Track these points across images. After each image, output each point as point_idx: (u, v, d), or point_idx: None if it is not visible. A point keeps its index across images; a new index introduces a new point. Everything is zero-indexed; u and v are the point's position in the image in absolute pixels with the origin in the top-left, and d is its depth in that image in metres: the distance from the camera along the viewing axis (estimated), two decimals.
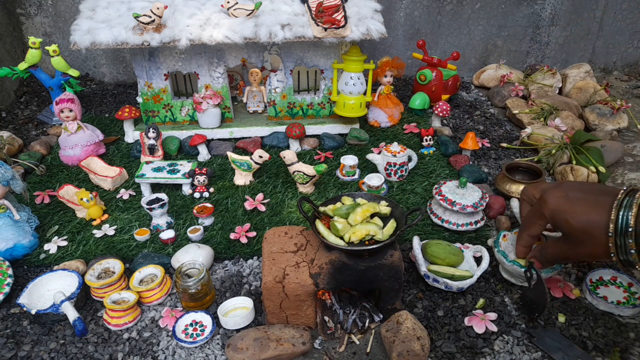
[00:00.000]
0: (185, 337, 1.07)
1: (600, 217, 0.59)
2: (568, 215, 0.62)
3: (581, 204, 0.61)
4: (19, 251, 1.28)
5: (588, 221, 0.60)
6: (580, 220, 0.60)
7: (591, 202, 0.61)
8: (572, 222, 0.61)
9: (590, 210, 0.60)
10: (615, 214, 0.57)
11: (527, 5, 2.25)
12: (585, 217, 0.60)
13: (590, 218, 0.60)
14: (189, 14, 1.59)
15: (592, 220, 0.59)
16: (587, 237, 0.61)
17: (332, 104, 1.84)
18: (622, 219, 0.56)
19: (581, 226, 0.60)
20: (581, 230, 0.60)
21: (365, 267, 1.02)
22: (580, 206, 0.61)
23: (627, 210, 0.56)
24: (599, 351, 1.05)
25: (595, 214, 0.59)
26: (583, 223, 0.60)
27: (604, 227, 0.58)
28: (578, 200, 0.62)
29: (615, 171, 1.66)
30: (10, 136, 1.76)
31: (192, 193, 1.52)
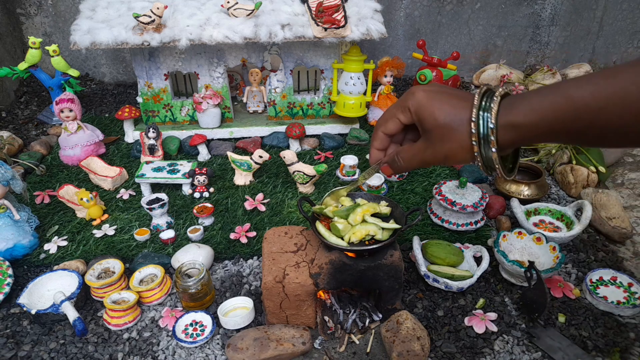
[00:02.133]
0: (185, 337, 1.07)
1: (465, 113, 0.56)
2: (434, 109, 0.58)
3: (447, 100, 0.58)
4: (19, 251, 1.28)
5: (454, 115, 0.57)
6: (447, 114, 0.57)
7: (456, 99, 0.58)
8: (437, 115, 0.57)
9: (455, 105, 0.58)
10: (477, 112, 0.55)
11: (527, 5, 2.25)
12: (452, 110, 0.57)
13: (455, 112, 0.57)
14: (189, 14, 1.59)
15: (457, 114, 0.57)
16: (450, 133, 0.57)
17: (332, 104, 1.84)
18: (484, 118, 0.55)
19: (447, 120, 0.57)
20: (446, 124, 0.57)
21: (365, 267, 1.02)
22: (446, 102, 0.58)
23: (486, 111, 0.55)
24: (599, 351, 1.05)
25: (460, 109, 0.57)
26: (450, 117, 0.57)
27: (467, 123, 0.56)
28: (444, 96, 0.59)
29: (615, 171, 1.66)
30: (10, 136, 1.76)
31: (192, 193, 1.52)
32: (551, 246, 1.22)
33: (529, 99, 0.54)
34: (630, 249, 1.36)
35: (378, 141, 0.68)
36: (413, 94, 0.60)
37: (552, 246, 1.22)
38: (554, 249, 1.21)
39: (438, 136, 0.59)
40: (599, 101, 0.49)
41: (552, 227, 1.36)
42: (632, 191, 1.57)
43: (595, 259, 1.30)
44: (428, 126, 0.59)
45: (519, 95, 0.56)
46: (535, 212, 1.40)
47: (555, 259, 1.19)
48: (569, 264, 1.29)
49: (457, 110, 0.57)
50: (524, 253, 1.26)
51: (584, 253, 1.32)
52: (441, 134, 0.58)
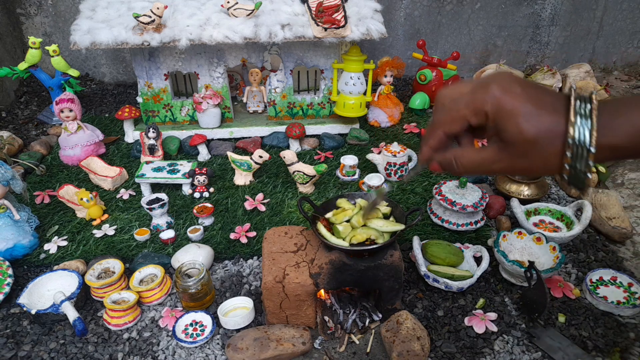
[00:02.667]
0: (185, 337, 1.07)
1: (557, 126, 0.46)
2: (520, 118, 0.46)
3: (534, 107, 0.46)
4: (19, 251, 1.28)
5: (545, 129, 0.46)
6: (536, 127, 0.46)
7: (545, 106, 0.46)
8: (523, 127, 0.46)
9: (545, 115, 0.46)
10: (573, 132, 0.45)
11: (527, 5, 2.25)
12: (542, 123, 0.46)
13: (546, 126, 0.46)
14: (189, 14, 1.59)
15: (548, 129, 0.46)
16: (536, 150, 0.47)
17: (332, 104, 1.84)
18: (581, 138, 0.45)
19: (535, 135, 0.46)
20: (533, 140, 0.46)
21: (365, 267, 1.02)
22: (534, 109, 0.46)
23: (584, 118, 0.45)
24: (599, 351, 1.05)
25: (551, 121, 0.46)
26: (539, 131, 0.46)
27: (559, 140, 0.46)
28: (530, 101, 0.46)
29: (615, 171, 1.66)
30: (10, 136, 1.76)
31: (192, 193, 1.52)
32: (551, 246, 1.22)
33: (627, 115, 0.46)
34: (630, 249, 1.36)
35: (435, 141, 0.54)
36: (490, 92, 0.47)
37: (552, 246, 1.22)
38: (554, 249, 1.21)
39: (520, 151, 0.48)
40: None
41: (552, 227, 1.36)
42: (632, 191, 1.57)
43: (595, 259, 1.30)
44: (510, 137, 0.48)
45: (615, 109, 0.47)
46: (535, 212, 1.39)
47: (555, 259, 1.19)
48: (569, 264, 1.29)
49: (547, 122, 0.46)
50: (524, 253, 1.26)
51: (584, 253, 1.32)
52: (525, 149, 0.47)
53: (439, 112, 0.53)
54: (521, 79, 0.49)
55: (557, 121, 0.46)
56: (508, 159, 0.49)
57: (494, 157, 0.50)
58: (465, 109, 0.49)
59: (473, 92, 0.49)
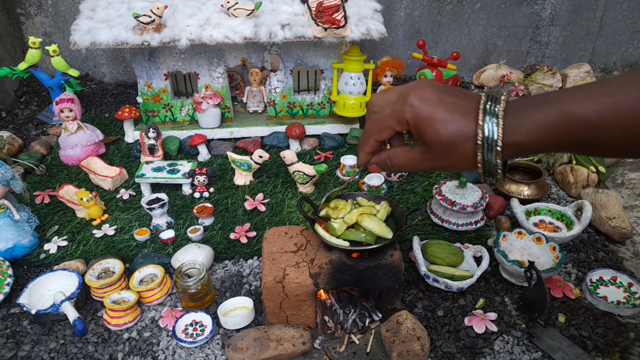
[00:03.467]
0: (185, 337, 1.07)
1: (468, 127, 0.51)
2: (436, 123, 0.52)
3: (448, 112, 0.52)
4: (19, 251, 1.28)
5: (458, 130, 0.52)
6: (451, 129, 0.52)
7: (457, 110, 0.52)
8: (440, 131, 0.52)
9: (458, 118, 0.52)
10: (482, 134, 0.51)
11: (527, 5, 2.25)
12: (455, 125, 0.52)
13: (459, 127, 0.52)
14: (189, 14, 1.59)
15: (461, 130, 0.52)
16: (453, 149, 0.53)
17: (332, 104, 1.84)
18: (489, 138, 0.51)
19: (450, 137, 0.52)
20: (449, 141, 0.52)
21: (365, 267, 1.02)
22: (448, 114, 0.52)
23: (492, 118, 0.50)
24: (599, 351, 1.05)
25: (464, 123, 0.52)
26: (453, 133, 0.52)
27: (472, 139, 0.51)
28: (444, 107, 0.52)
29: (616, 171, 1.66)
30: (10, 136, 1.76)
31: (192, 193, 1.52)
32: (551, 246, 1.22)
33: (530, 114, 0.51)
34: (630, 249, 1.36)
35: (369, 147, 0.62)
36: (410, 104, 0.54)
37: (552, 246, 1.22)
38: (554, 249, 1.21)
39: (440, 152, 0.54)
40: (601, 118, 0.48)
41: (552, 227, 1.36)
42: (632, 191, 1.57)
43: (595, 259, 1.30)
44: (429, 141, 0.54)
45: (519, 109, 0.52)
46: (535, 212, 1.39)
47: (555, 259, 1.19)
48: (569, 264, 1.29)
49: (460, 124, 0.52)
50: (524, 253, 1.26)
51: (584, 253, 1.32)
52: (443, 150, 0.54)
53: (369, 120, 0.61)
54: (439, 87, 0.55)
55: (469, 123, 0.52)
56: (431, 159, 0.56)
57: (420, 158, 0.57)
58: (389, 119, 0.57)
59: (395, 103, 0.56)
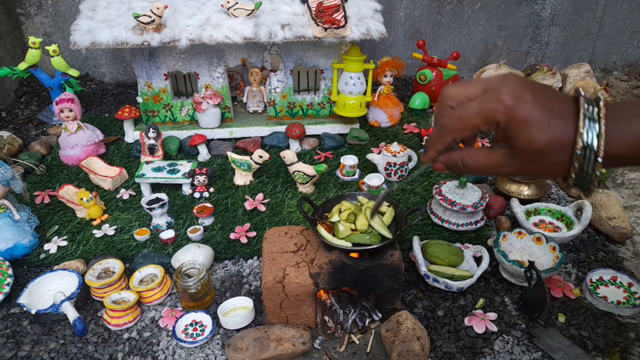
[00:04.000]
0: (185, 337, 1.07)
1: (566, 135, 0.46)
2: (532, 128, 0.46)
3: (547, 113, 0.46)
4: (19, 251, 1.28)
5: (555, 138, 0.46)
6: (547, 137, 0.46)
7: (556, 110, 0.46)
8: (535, 137, 0.46)
9: (557, 122, 0.46)
10: (582, 143, 0.45)
11: (527, 5, 2.25)
12: (552, 132, 0.46)
13: (556, 135, 0.46)
14: (189, 14, 1.59)
15: (558, 138, 0.46)
16: (545, 157, 0.47)
17: (332, 104, 1.84)
18: (589, 137, 0.45)
19: (546, 145, 0.46)
20: (543, 150, 0.46)
21: (365, 267, 1.02)
22: (545, 118, 0.46)
23: (592, 124, 0.45)
24: (599, 351, 1.05)
25: (561, 130, 0.46)
26: (550, 141, 0.46)
27: (568, 150, 0.46)
28: (541, 110, 0.46)
29: (616, 171, 1.66)
30: (10, 136, 1.76)
31: (192, 193, 1.52)
32: (551, 246, 1.22)
33: (634, 123, 0.46)
34: (630, 249, 1.36)
35: (443, 145, 0.53)
36: (502, 100, 0.47)
37: (552, 246, 1.22)
38: (554, 249, 1.21)
39: (530, 158, 0.48)
40: None
41: (552, 227, 1.36)
42: (632, 191, 1.57)
43: (595, 259, 1.30)
44: (520, 146, 0.48)
45: (621, 116, 0.46)
46: (535, 212, 1.39)
47: (555, 259, 1.19)
48: (569, 264, 1.29)
49: (557, 132, 0.46)
50: (524, 253, 1.26)
51: (584, 253, 1.32)
52: (535, 156, 0.48)
53: (447, 117, 0.51)
54: (530, 83, 0.48)
55: (567, 129, 0.46)
56: (517, 164, 0.50)
57: (503, 162, 0.50)
58: (476, 118, 0.48)
59: (484, 101, 0.48)
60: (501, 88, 0.47)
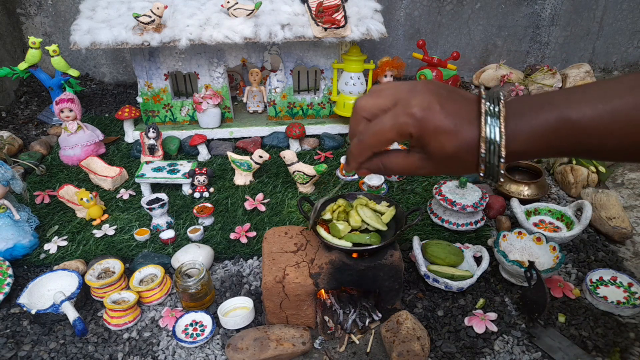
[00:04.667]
0: (185, 337, 1.07)
1: (472, 137, 0.49)
2: (443, 137, 0.49)
3: (455, 119, 0.49)
4: (19, 251, 1.28)
5: (463, 143, 0.49)
6: (457, 143, 0.49)
7: (463, 115, 0.49)
8: (446, 145, 0.49)
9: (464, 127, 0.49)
10: (485, 146, 0.48)
11: (527, 5, 2.25)
12: (461, 137, 0.49)
13: (465, 139, 0.49)
14: (189, 14, 1.59)
15: (465, 141, 0.49)
16: (456, 159, 0.50)
17: (332, 104, 1.84)
18: (492, 148, 0.48)
19: (455, 150, 0.49)
20: (454, 154, 0.50)
21: (365, 267, 1.02)
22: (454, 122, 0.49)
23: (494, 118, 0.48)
24: (599, 351, 1.05)
25: (469, 131, 0.49)
26: (458, 146, 0.49)
27: (475, 149, 0.49)
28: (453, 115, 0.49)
29: (616, 171, 1.66)
30: (10, 136, 1.76)
31: (192, 193, 1.52)
32: (551, 246, 1.22)
33: (528, 120, 0.49)
34: (630, 249, 1.36)
35: (365, 158, 0.56)
36: (412, 115, 0.49)
37: (552, 246, 1.22)
38: (554, 249, 1.21)
39: (442, 161, 0.52)
40: (599, 124, 0.46)
41: (552, 227, 1.36)
42: (632, 191, 1.57)
43: (595, 259, 1.30)
44: (432, 152, 0.51)
45: (518, 113, 0.50)
46: (535, 212, 1.39)
47: (555, 259, 1.19)
48: (569, 264, 1.29)
49: (465, 135, 0.49)
50: (524, 253, 1.26)
51: (584, 253, 1.32)
52: (446, 160, 0.51)
53: (364, 132, 0.54)
54: (436, 90, 0.51)
55: (473, 133, 0.49)
56: (431, 167, 0.53)
57: (419, 165, 0.54)
58: (390, 132, 0.51)
59: (395, 115, 0.50)
60: (410, 100, 0.50)
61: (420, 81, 0.53)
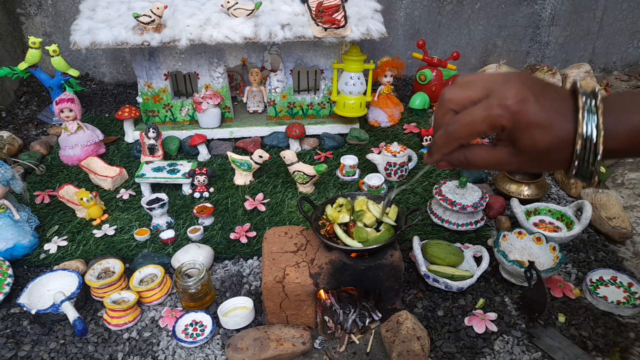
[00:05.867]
0: (185, 337, 1.07)
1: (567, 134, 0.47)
2: (536, 131, 0.47)
3: (550, 113, 0.47)
4: (19, 251, 1.28)
5: (557, 138, 0.47)
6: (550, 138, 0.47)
7: (558, 109, 0.47)
8: (540, 140, 0.47)
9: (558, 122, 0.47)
10: (582, 142, 0.46)
11: (527, 5, 2.25)
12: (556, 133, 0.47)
13: (559, 134, 0.47)
14: (189, 14, 1.59)
15: (560, 138, 0.47)
16: (548, 155, 0.48)
17: (332, 104, 1.84)
18: (588, 146, 0.46)
19: (549, 145, 0.47)
20: (547, 150, 0.48)
21: (365, 267, 1.02)
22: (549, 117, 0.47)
23: (592, 114, 0.46)
24: (599, 351, 1.05)
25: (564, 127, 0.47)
26: (552, 141, 0.47)
27: (569, 146, 0.47)
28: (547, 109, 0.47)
29: (616, 171, 1.66)
30: (10, 136, 1.76)
31: (192, 193, 1.52)
32: (551, 246, 1.22)
33: (631, 116, 0.47)
34: (630, 249, 1.36)
35: (450, 149, 0.54)
36: (506, 107, 0.47)
37: (552, 246, 1.22)
38: (554, 249, 1.21)
39: (533, 157, 0.49)
40: None
41: (552, 227, 1.36)
42: (632, 191, 1.57)
43: (595, 259, 1.30)
44: (524, 147, 0.49)
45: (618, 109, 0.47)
46: (535, 212, 1.39)
47: (555, 259, 1.19)
48: (569, 264, 1.29)
49: (559, 132, 0.47)
50: (524, 253, 1.26)
51: (584, 253, 1.32)
52: (538, 156, 0.49)
53: (452, 123, 0.51)
54: (531, 83, 0.48)
55: (567, 128, 0.47)
56: (520, 163, 0.51)
57: (506, 160, 0.51)
58: (482, 125, 0.49)
59: (489, 107, 0.48)
60: (504, 92, 0.47)
61: (514, 73, 0.50)
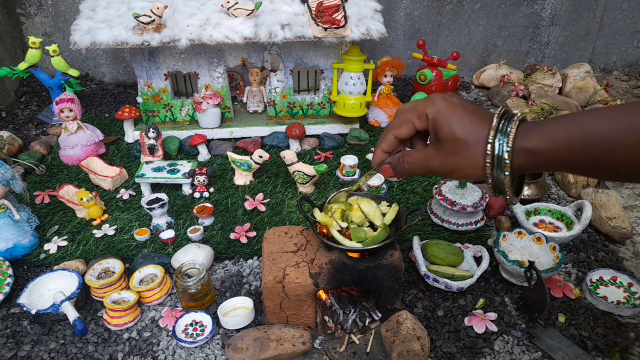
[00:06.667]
0: (185, 337, 1.07)
1: (482, 132, 0.56)
2: (453, 121, 0.57)
3: (467, 115, 0.57)
4: (19, 251, 1.28)
5: (472, 131, 0.56)
6: (465, 129, 0.56)
7: (476, 116, 0.57)
8: (454, 128, 0.57)
9: (474, 122, 0.57)
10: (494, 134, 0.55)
11: (527, 5, 2.25)
12: (470, 127, 0.57)
13: (474, 129, 0.56)
14: (189, 14, 1.59)
15: (475, 132, 0.56)
16: (464, 148, 0.57)
17: (332, 104, 1.84)
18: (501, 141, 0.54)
19: (463, 135, 0.56)
20: (461, 139, 0.57)
21: (365, 267, 1.02)
22: (466, 117, 0.57)
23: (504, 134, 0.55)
24: (599, 351, 1.05)
25: (478, 127, 0.56)
26: (467, 132, 0.56)
27: (483, 143, 0.55)
28: (464, 111, 0.58)
29: None
30: (10, 136, 1.76)
31: (192, 193, 1.52)
32: (551, 246, 1.22)
33: (544, 126, 0.53)
34: (630, 249, 1.36)
35: (386, 144, 0.65)
36: (433, 102, 0.59)
37: (552, 246, 1.22)
38: (554, 249, 1.21)
39: (451, 148, 0.58)
40: (613, 133, 0.49)
41: (552, 227, 1.36)
42: (632, 191, 1.57)
43: (595, 259, 1.30)
44: (442, 137, 0.58)
45: (536, 122, 0.55)
46: (535, 212, 1.39)
47: (555, 259, 1.19)
48: (569, 264, 1.29)
49: (475, 127, 0.56)
50: (524, 253, 1.26)
51: (584, 253, 1.32)
52: (454, 147, 0.57)
53: (391, 121, 0.65)
54: (463, 99, 0.60)
55: (483, 128, 0.56)
56: (442, 156, 0.59)
57: (430, 155, 0.60)
58: (410, 113, 0.61)
59: (420, 103, 0.60)
60: (436, 96, 0.60)
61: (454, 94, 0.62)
